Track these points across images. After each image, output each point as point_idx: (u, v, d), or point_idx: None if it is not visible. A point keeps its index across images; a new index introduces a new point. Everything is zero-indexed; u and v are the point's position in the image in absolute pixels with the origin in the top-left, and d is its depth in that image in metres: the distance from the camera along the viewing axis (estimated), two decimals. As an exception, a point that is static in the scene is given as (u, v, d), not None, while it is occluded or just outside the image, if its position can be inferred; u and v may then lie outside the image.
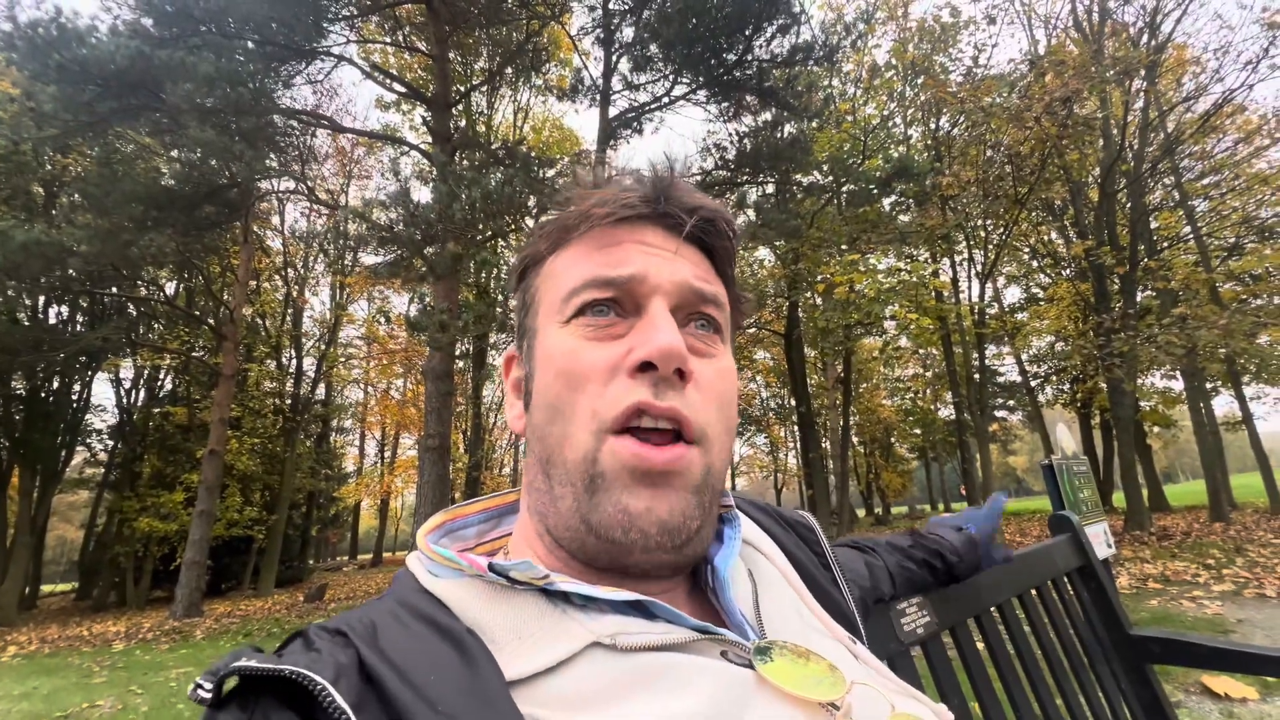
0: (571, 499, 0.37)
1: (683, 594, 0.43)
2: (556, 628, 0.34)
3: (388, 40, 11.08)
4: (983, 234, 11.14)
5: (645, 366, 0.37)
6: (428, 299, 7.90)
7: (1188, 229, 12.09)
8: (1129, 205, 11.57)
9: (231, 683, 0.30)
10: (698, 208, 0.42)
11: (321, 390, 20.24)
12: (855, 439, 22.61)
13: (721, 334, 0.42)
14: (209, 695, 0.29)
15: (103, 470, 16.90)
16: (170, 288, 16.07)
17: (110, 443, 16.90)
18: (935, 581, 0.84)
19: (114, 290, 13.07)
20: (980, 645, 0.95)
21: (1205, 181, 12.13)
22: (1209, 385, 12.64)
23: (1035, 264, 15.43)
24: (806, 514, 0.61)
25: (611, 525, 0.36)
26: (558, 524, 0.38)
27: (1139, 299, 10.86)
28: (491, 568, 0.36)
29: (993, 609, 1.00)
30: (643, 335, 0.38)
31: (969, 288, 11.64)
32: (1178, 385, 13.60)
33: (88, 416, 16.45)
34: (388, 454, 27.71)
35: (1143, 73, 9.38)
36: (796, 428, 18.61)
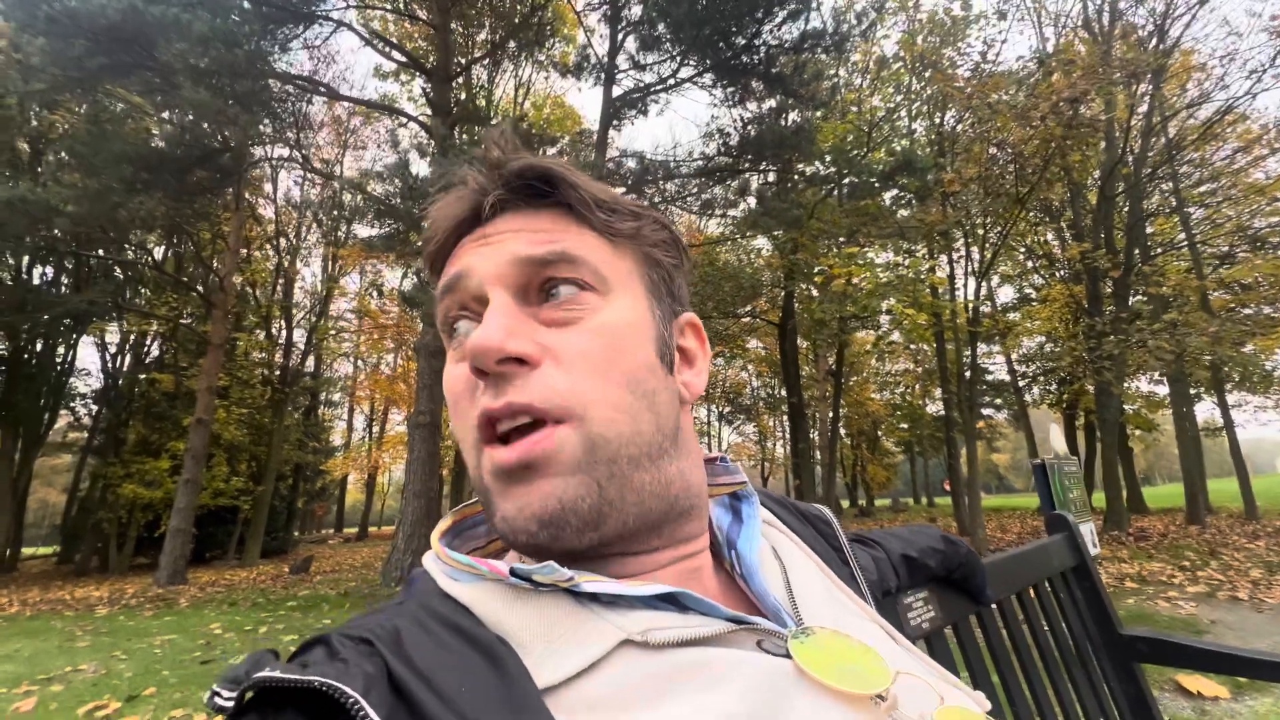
0: (487, 509, 0.37)
1: (711, 576, 0.42)
2: (585, 627, 0.33)
3: (388, 7, 10.82)
4: (981, 232, 11.16)
5: (479, 373, 0.35)
6: (423, 274, 7.82)
7: (1183, 235, 12.18)
8: (1126, 209, 11.62)
9: (251, 692, 0.28)
10: (517, 173, 0.38)
11: (311, 362, 20.10)
12: (843, 431, 22.81)
13: (595, 288, 0.38)
14: (230, 705, 0.27)
15: (86, 435, 16.75)
16: (159, 253, 15.81)
17: (94, 408, 16.73)
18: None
19: (101, 253, 12.83)
20: (978, 637, 0.96)
21: (1202, 189, 12.20)
22: (1193, 391, 12.84)
23: (1030, 264, 15.51)
24: (823, 507, 0.60)
25: (506, 534, 0.35)
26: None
27: (1131, 303, 10.96)
28: (514, 572, 0.34)
29: (993, 605, 1.02)
30: (466, 367, 0.36)
31: (964, 285, 11.70)
32: (1162, 390, 13.81)
33: (72, 380, 16.30)
34: (376, 429, 27.66)
35: (1149, 76, 9.36)
36: (786, 418, 18.73)
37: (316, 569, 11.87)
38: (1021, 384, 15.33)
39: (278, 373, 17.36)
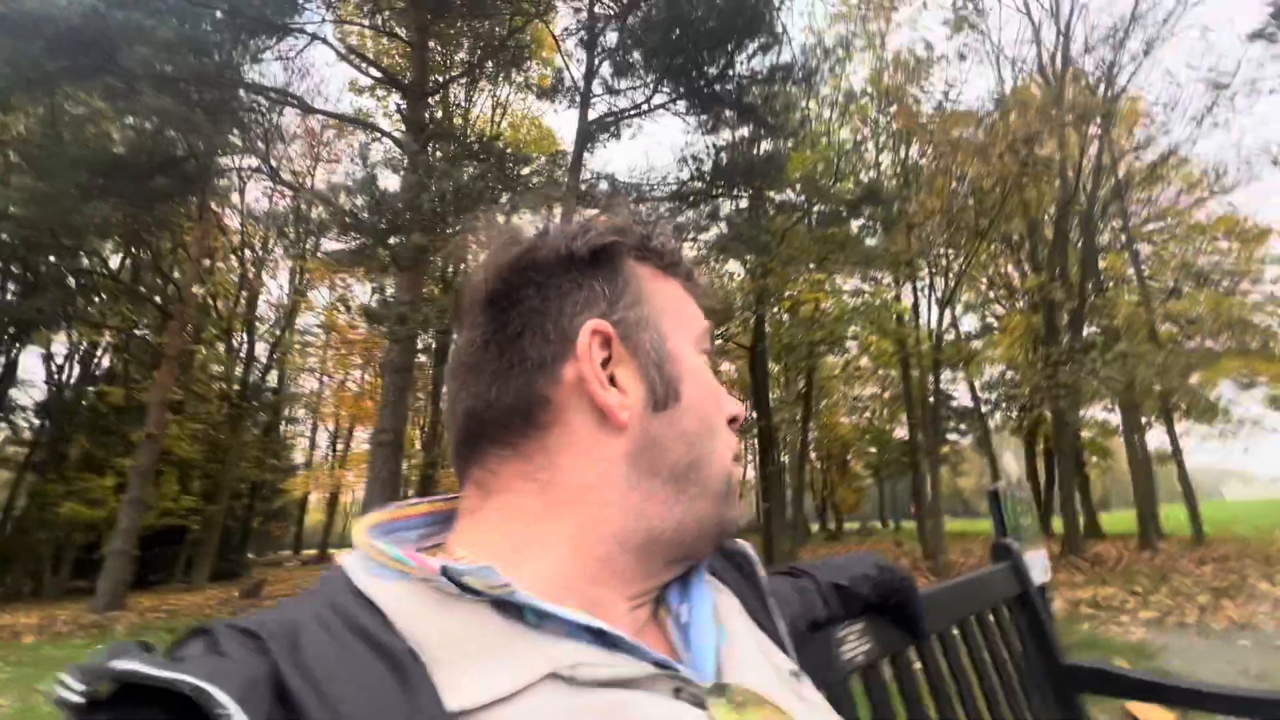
0: (711, 505, 0.42)
1: (648, 620, 0.42)
2: (510, 649, 0.31)
3: (365, 23, 10.81)
4: (944, 262, 11.53)
5: (732, 421, 0.47)
6: (389, 290, 7.69)
7: (1132, 270, 12.78)
8: (1080, 244, 12.16)
9: (108, 686, 0.24)
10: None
11: (274, 378, 19.51)
12: (813, 454, 22.99)
13: None
14: (78, 700, 0.23)
15: (26, 450, 15.86)
16: (115, 261, 15.26)
17: (36, 421, 15.89)
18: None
19: (52, 259, 12.32)
20: (917, 667, 0.94)
21: (1150, 227, 12.88)
22: (1144, 420, 13.33)
23: (992, 294, 16.06)
24: (744, 543, 0.58)
25: (731, 525, 0.45)
26: (681, 524, 0.41)
27: (1085, 334, 11.40)
28: (445, 570, 0.32)
29: (933, 636, 1.00)
30: (727, 396, 0.48)
31: (928, 313, 12.02)
32: (1115, 418, 14.34)
33: (13, 391, 15.45)
34: (340, 447, 26.88)
35: (1099, 119, 9.89)
36: (755, 441, 18.83)
37: (270, 593, 11.35)
38: (985, 410, 15.74)
39: (237, 387, 16.80)
